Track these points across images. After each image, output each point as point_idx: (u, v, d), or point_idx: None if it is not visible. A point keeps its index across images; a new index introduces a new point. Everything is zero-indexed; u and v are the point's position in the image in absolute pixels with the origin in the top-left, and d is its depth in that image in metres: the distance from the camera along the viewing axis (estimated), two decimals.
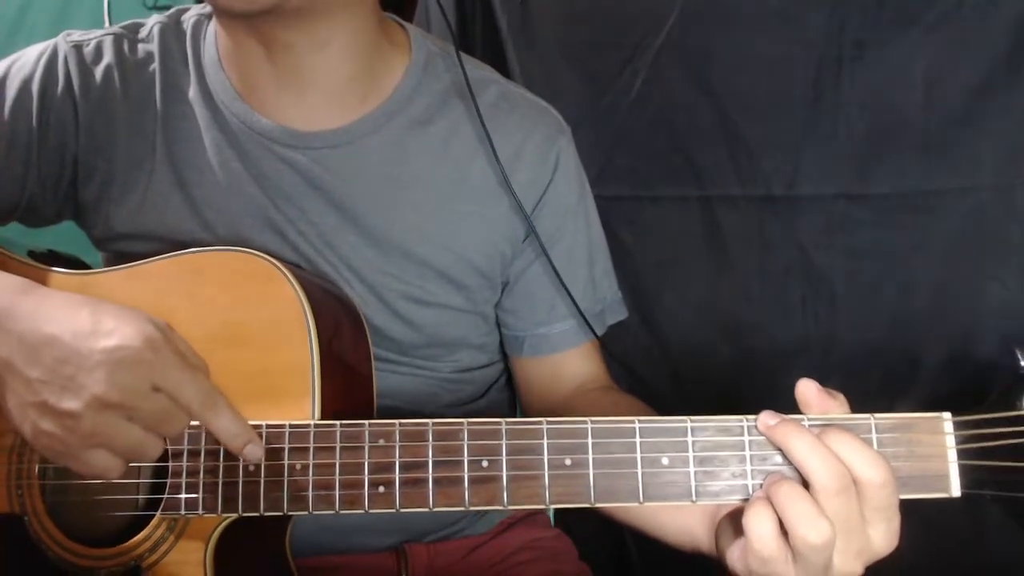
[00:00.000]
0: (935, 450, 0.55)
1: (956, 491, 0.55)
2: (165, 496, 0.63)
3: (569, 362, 0.86)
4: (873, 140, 1.18)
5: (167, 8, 0.69)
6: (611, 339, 0.89)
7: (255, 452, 0.60)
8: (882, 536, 0.53)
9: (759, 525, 0.53)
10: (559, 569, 0.88)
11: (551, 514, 1.00)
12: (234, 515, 0.62)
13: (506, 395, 0.93)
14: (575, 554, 0.93)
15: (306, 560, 0.73)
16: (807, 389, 0.56)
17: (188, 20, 0.81)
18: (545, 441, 0.59)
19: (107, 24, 1.41)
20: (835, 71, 1.18)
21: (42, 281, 0.69)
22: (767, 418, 0.56)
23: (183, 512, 0.63)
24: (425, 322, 0.80)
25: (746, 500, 0.56)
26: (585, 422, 0.58)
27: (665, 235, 1.26)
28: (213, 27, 0.79)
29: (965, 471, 0.55)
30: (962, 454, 0.55)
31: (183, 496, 0.63)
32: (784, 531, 0.53)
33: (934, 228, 1.17)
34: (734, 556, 0.58)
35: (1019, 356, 0.56)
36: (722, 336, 1.24)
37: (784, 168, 1.21)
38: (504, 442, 0.59)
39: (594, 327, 0.86)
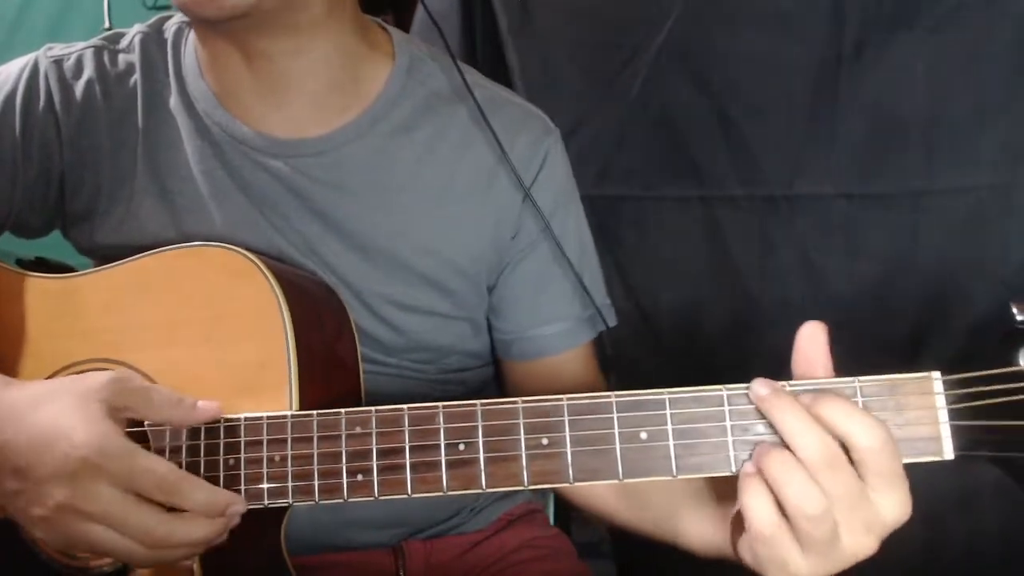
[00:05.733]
0: (925, 412, 0.52)
1: (949, 453, 0.52)
2: None
3: (559, 366, 0.84)
4: (873, 140, 1.17)
5: (167, 8, 0.69)
6: (610, 339, 0.87)
7: (236, 511, 0.60)
8: (892, 505, 0.51)
9: (756, 504, 0.51)
10: (558, 568, 0.87)
11: (551, 513, 0.99)
12: None
13: (499, 396, 0.91)
14: (574, 553, 0.90)
15: (303, 558, 0.73)
16: (817, 332, 0.55)
17: (169, 28, 0.81)
18: (521, 421, 0.57)
19: (107, 24, 1.43)
20: (835, 71, 1.17)
21: (28, 288, 0.70)
22: (759, 388, 0.53)
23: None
24: (411, 327, 0.79)
25: (731, 473, 0.54)
26: (561, 399, 0.57)
27: (665, 235, 1.25)
28: (194, 35, 0.79)
29: (959, 432, 0.52)
30: (954, 414, 0.52)
31: None
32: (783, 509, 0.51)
33: (934, 228, 1.15)
34: (743, 547, 0.56)
35: (1014, 310, 0.53)
36: (722, 336, 1.23)
37: (784, 168, 1.20)
38: (480, 424, 0.58)
39: (586, 331, 0.84)
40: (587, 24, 1.26)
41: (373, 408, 0.60)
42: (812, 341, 0.55)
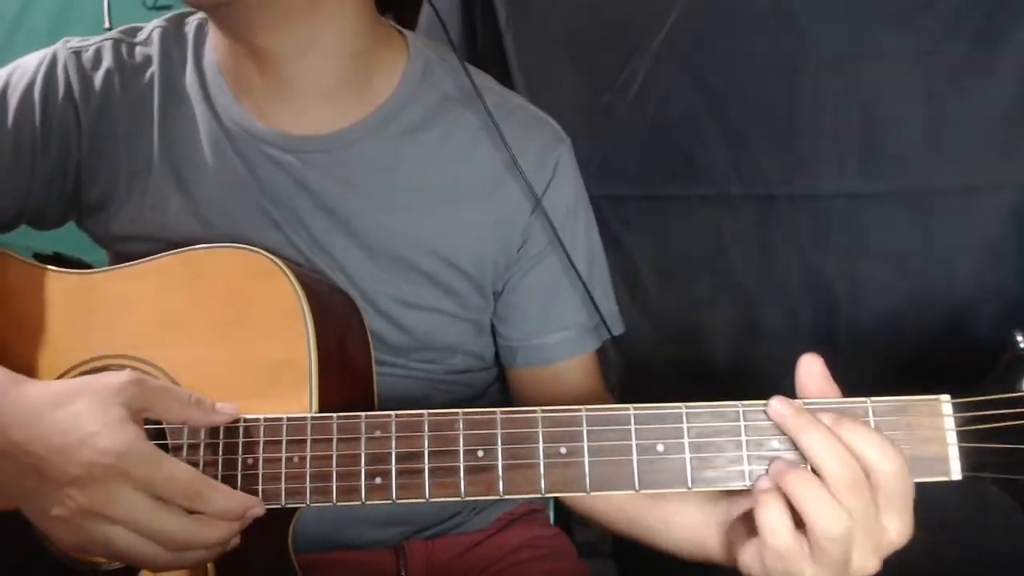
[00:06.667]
0: (934, 433, 0.54)
1: (957, 474, 0.54)
2: None
3: (562, 374, 0.85)
4: (873, 140, 1.17)
5: (167, 8, 0.70)
6: (611, 339, 0.88)
7: (255, 514, 0.60)
8: (898, 528, 0.53)
9: (773, 519, 0.53)
10: (558, 568, 0.88)
11: (551, 513, 1.00)
12: None
13: (502, 398, 0.92)
14: (574, 553, 0.92)
15: (306, 556, 0.73)
16: (812, 365, 0.56)
17: (191, 23, 0.82)
18: (540, 430, 0.58)
19: (107, 24, 1.42)
20: (835, 70, 1.17)
21: (48, 282, 0.70)
22: (780, 406, 0.55)
23: None
24: (415, 326, 0.80)
25: (744, 486, 0.56)
26: (580, 410, 0.58)
27: (664, 235, 1.25)
28: (213, 31, 0.79)
29: (965, 454, 0.54)
30: (962, 436, 0.54)
31: None
32: (798, 523, 0.53)
33: (934, 228, 1.16)
34: (748, 557, 0.57)
35: (1018, 338, 0.55)
36: (722, 336, 1.23)
37: (784, 168, 1.20)
38: (499, 431, 0.59)
39: (592, 339, 0.86)
40: (586, 23, 1.25)
41: (393, 412, 0.61)
42: (811, 378, 0.56)
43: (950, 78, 1.13)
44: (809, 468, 0.53)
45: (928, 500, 0.54)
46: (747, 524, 0.59)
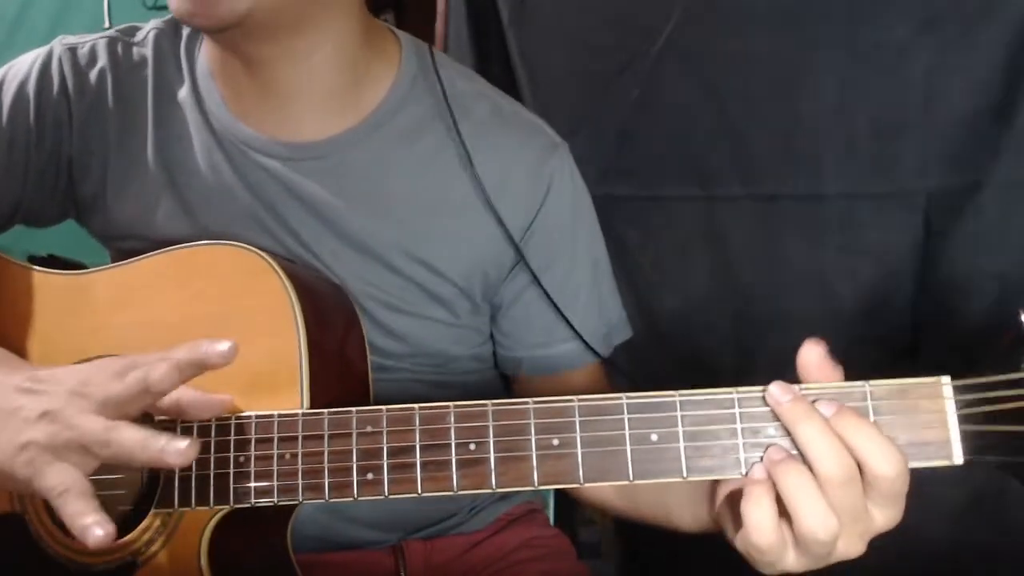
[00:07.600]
0: (935, 416, 0.53)
1: (959, 458, 0.52)
2: (159, 490, 0.63)
3: (571, 379, 0.84)
4: (873, 140, 1.17)
5: (166, 8, 0.70)
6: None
7: (176, 447, 0.55)
8: (886, 517, 0.52)
9: (759, 516, 0.52)
10: (557, 568, 0.87)
11: (551, 513, 0.99)
12: (226, 507, 0.62)
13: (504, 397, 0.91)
14: (574, 554, 0.91)
15: (304, 556, 0.73)
16: (810, 353, 0.55)
17: (186, 27, 0.82)
18: (532, 421, 0.58)
19: (107, 23, 1.43)
20: (836, 70, 1.17)
21: (41, 283, 0.71)
22: (779, 392, 0.54)
23: (176, 506, 0.63)
24: (406, 331, 0.79)
25: (741, 475, 0.55)
26: (572, 401, 0.57)
27: (666, 235, 1.25)
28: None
29: (968, 437, 0.52)
30: (964, 419, 0.53)
31: (176, 490, 0.62)
32: (783, 513, 0.52)
33: (934, 227, 1.15)
34: (737, 541, 0.56)
35: (1021, 318, 0.53)
36: (723, 336, 1.23)
37: (785, 168, 1.20)
38: (491, 424, 0.58)
39: (600, 349, 0.84)
40: (588, 22, 1.26)
41: (384, 407, 0.60)
42: (809, 366, 0.55)
43: (950, 78, 1.13)
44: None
45: (927, 484, 0.53)
46: (733, 508, 0.58)
